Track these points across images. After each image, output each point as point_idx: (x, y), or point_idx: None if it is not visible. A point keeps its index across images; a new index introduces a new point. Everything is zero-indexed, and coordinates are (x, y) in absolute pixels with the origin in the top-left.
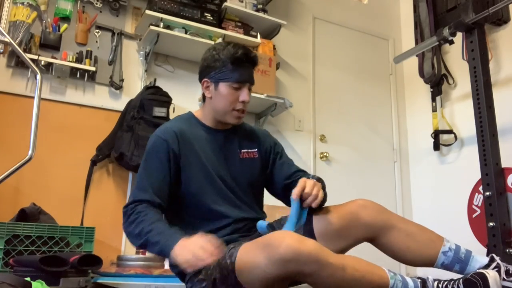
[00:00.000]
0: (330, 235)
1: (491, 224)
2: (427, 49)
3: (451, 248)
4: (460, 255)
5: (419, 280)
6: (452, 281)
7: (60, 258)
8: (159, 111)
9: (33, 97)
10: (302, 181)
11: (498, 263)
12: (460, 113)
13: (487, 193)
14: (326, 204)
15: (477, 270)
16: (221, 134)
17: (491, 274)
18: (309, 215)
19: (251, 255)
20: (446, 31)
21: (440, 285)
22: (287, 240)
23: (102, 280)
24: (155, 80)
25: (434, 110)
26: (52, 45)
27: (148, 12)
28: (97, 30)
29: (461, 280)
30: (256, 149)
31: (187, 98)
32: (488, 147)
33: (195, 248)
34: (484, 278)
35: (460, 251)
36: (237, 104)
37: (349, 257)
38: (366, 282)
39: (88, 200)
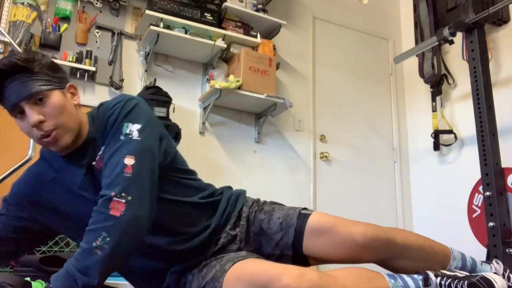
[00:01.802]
0: (324, 261)
1: (491, 224)
2: (427, 49)
3: (457, 267)
4: (465, 271)
5: (421, 277)
6: (456, 280)
7: (60, 258)
8: (159, 111)
9: None
10: None
11: None
12: (460, 113)
13: (487, 193)
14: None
15: (484, 274)
16: (66, 160)
17: (498, 283)
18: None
19: None
20: (446, 31)
21: (443, 282)
22: (286, 280)
23: None
24: (155, 80)
25: (434, 110)
26: (52, 45)
27: (148, 12)
28: (97, 30)
29: (466, 283)
30: (102, 148)
31: (187, 98)
32: (488, 147)
33: None
34: (490, 285)
35: (466, 267)
36: (33, 132)
37: (349, 276)
38: None
39: None
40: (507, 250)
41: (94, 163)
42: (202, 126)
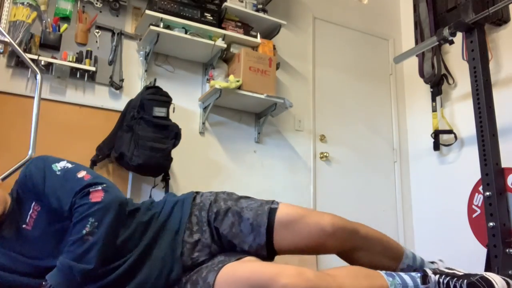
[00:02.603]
0: (292, 251)
1: (491, 224)
2: (427, 49)
3: (409, 264)
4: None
5: (419, 275)
6: (455, 279)
7: None
8: (159, 111)
9: (33, 97)
10: None
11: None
12: (460, 113)
13: (487, 193)
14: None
15: (484, 274)
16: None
17: (498, 283)
18: (269, 230)
19: None
20: (446, 31)
21: (441, 280)
22: (283, 280)
23: None
24: (155, 80)
25: (434, 110)
26: (52, 45)
27: (148, 12)
28: (97, 30)
29: (465, 282)
30: (33, 205)
31: (187, 98)
32: (488, 147)
33: None
34: (490, 285)
35: (415, 265)
36: None
37: (347, 274)
38: None
39: None
40: (507, 250)
41: (24, 225)
42: (202, 126)
